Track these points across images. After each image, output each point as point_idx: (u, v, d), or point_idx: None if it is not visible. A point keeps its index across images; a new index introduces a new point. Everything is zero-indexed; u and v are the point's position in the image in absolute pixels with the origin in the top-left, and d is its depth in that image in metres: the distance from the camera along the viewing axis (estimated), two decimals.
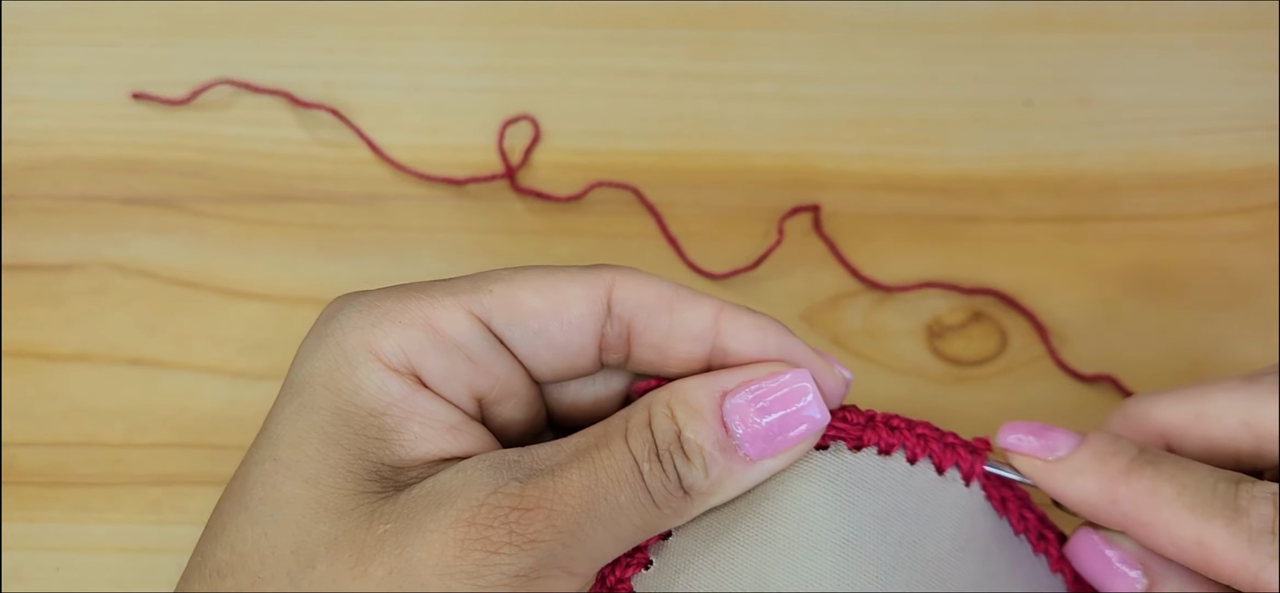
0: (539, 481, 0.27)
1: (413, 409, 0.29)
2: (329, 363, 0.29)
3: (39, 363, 0.45)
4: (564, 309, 0.30)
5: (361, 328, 0.29)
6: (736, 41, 0.51)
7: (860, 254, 0.47)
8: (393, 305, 0.29)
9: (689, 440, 0.28)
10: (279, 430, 0.29)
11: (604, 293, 0.30)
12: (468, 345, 0.30)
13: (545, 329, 0.30)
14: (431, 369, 0.29)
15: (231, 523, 0.28)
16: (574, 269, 0.31)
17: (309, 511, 0.28)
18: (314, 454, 0.28)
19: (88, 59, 0.51)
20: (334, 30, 0.51)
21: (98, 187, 0.48)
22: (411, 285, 0.30)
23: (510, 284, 0.30)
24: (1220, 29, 0.52)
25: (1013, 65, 0.51)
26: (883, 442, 0.32)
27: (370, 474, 0.28)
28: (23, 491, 0.43)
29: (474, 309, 0.30)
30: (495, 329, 0.30)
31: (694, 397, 0.29)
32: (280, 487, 0.28)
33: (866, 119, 0.50)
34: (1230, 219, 0.48)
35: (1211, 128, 0.50)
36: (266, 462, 0.29)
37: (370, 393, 0.29)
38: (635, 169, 0.49)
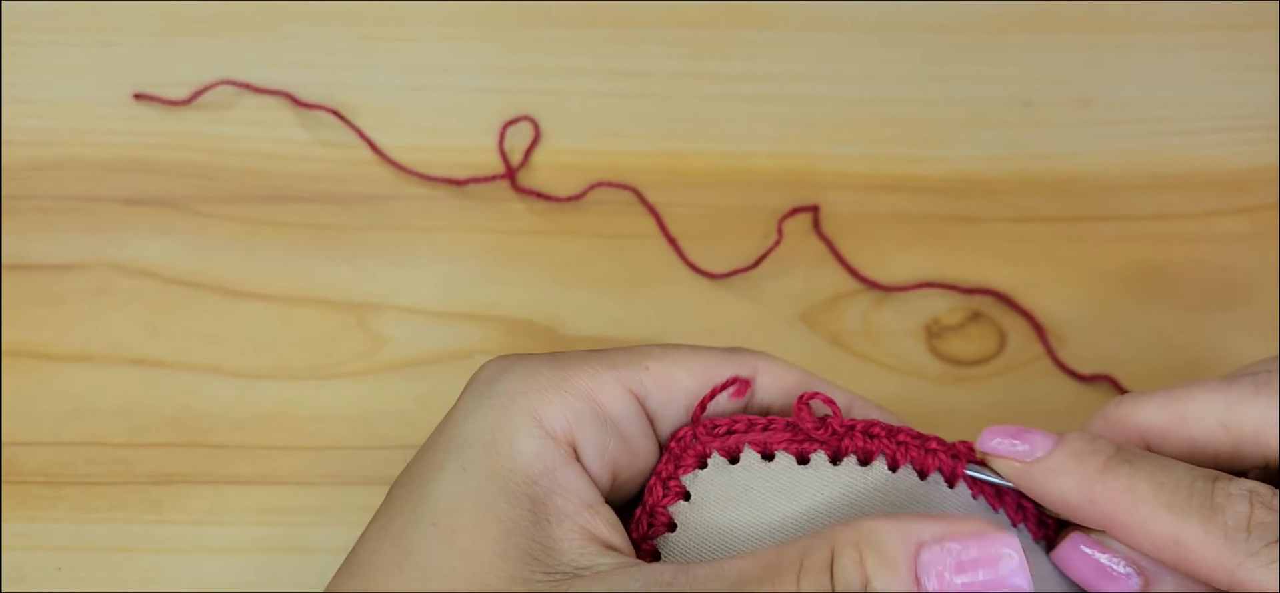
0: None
1: (558, 481, 0.29)
2: (491, 423, 0.29)
3: (40, 363, 0.45)
4: (711, 388, 0.32)
5: (527, 394, 0.30)
6: (736, 42, 0.51)
7: (859, 254, 0.47)
8: (556, 375, 0.30)
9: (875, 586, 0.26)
10: (437, 490, 0.29)
11: (750, 375, 0.32)
12: (622, 423, 0.31)
13: (693, 406, 0.32)
14: (588, 443, 0.30)
15: (381, 579, 0.28)
16: (722, 352, 0.32)
17: (460, 584, 0.28)
18: (471, 524, 0.28)
19: (89, 59, 0.51)
20: (335, 31, 0.51)
21: (99, 187, 0.48)
22: (571, 355, 0.31)
23: (666, 362, 0.31)
24: (1219, 29, 0.52)
25: (1012, 66, 0.51)
26: (861, 450, 0.32)
27: (522, 553, 0.28)
28: (24, 490, 0.43)
29: (632, 387, 0.31)
30: (649, 408, 0.31)
31: (888, 543, 0.26)
32: (436, 555, 0.28)
33: (866, 119, 0.50)
34: (1229, 219, 0.48)
35: (1210, 128, 0.50)
36: (423, 525, 0.28)
37: (527, 458, 0.29)
38: (635, 169, 0.49)
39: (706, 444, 0.32)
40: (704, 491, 0.32)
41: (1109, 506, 0.29)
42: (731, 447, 0.32)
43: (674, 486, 0.32)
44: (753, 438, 0.32)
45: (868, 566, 0.26)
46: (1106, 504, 0.29)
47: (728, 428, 0.32)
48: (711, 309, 0.46)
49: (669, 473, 0.32)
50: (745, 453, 0.32)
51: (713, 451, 0.32)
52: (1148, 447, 0.32)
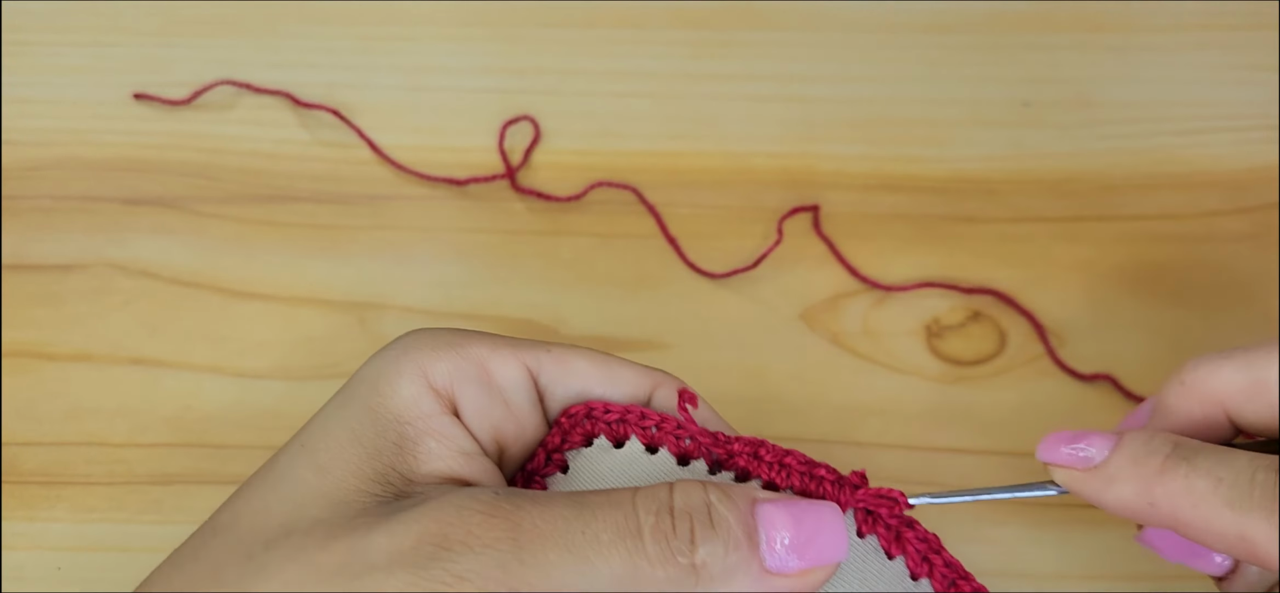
0: (516, 499, 0.28)
1: (434, 427, 0.30)
2: (378, 369, 0.31)
3: (41, 363, 0.45)
4: (611, 383, 0.32)
5: (422, 349, 0.31)
6: (736, 42, 0.51)
7: (859, 254, 0.47)
8: (458, 339, 0.31)
9: (718, 512, 0.28)
10: (316, 422, 0.31)
11: (649, 388, 0.32)
12: (510, 392, 0.32)
13: (588, 390, 0.32)
14: (469, 401, 0.31)
15: (245, 490, 0.30)
16: (629, 363, 0.33)
17: (309, 494, 0.29)
18: (333, 445, 0.30)
19: (89, 59, 0.51)
20: (335, 31, 0.51)
21: (99, 187, 0.48)
22: (476, 331, 0.32)
23: (570, 352, 0.32)
24: (1218, 30, 0.52)
25: (1011, 66, 0.51)
26: (742, 468, 0.32)
27: (378, 477, 0.29)
28: (24, 490, 0.43)
29: (527, 362, 0.32)
30: (541, 383, 0.32)
31: (729, 486, 0.29)
32: (295, 468, 0.30)
33: (866, 119, 0.50)
34: (1228, 219, 0.48)
35: (1210, 128, 0.50)
36: (294, 446, 0.30)
37: (402, 400, 0.30)
38: (635, 169, 0.49)
39: (595, 425, 0.32)
40: (582, 467, 0.32)
41: (1170, 508, 0.29)
42: (618, 433, 0.32)
43: (556, 457, 0.33)
44: (640, 430, 0.32)
45: (711, 494, 0.28)
46: (1167, 507, 0.29)
47: (620, 415, 0.32)
48: (711, 309, 0.46)
49: (554, 445, 0.33)
50: (630, 442, 0.32)
51: (600, 433, 0.32)
52: (1227, 414, 0.31)
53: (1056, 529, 0.43)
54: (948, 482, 0.44)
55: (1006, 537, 0.43)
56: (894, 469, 0.44)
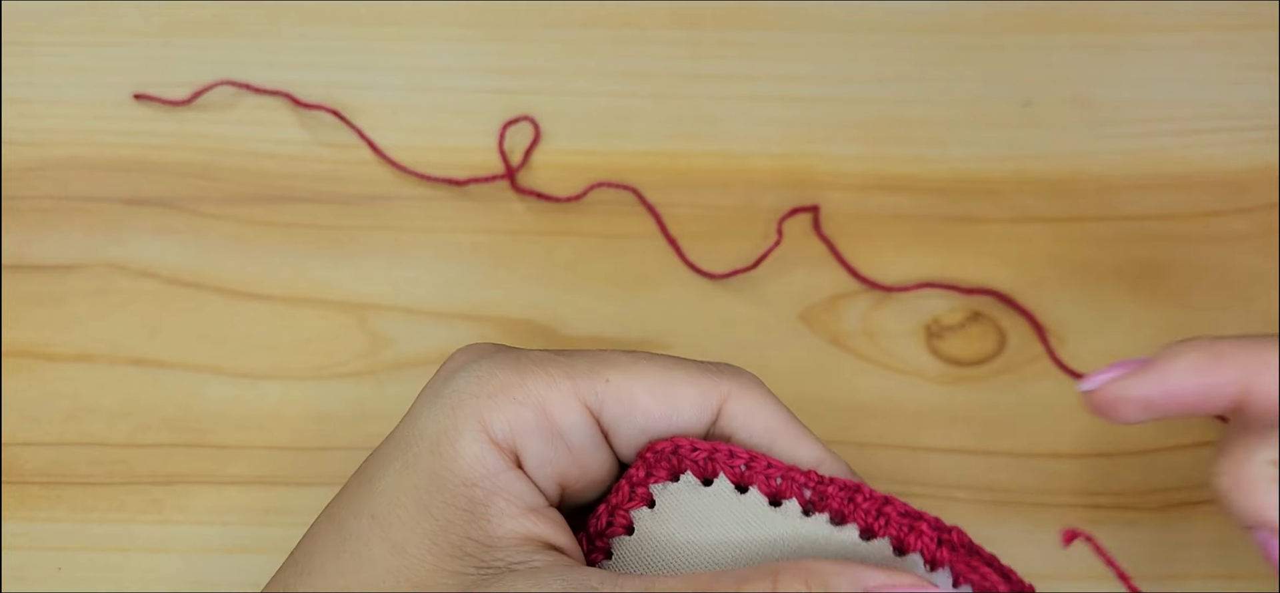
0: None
1: (501, 484, 0.29)
2: (438, 426, 0.30)
3: (41, 363, 0.45)
4: (675, 414, 0.31)
5: (477, 398, 0.30)
6: (736, 42, 0.51)
7: (859, 255, 0.47)
8: (511, 379, 0.30)
9: None
10: (381, 486, 0.30)
11: (717, 404, 0.31)
12: (572, 437, 0.30)
13: (652, 427, 0.31)
14: (532, 453, 0.30)
15: (319, 565, 0.29)
16: (694, 369, 0.31)
17: (389, 576, 0.28)
18: (406, 519, 0.29)
19: (89, 60, 0.51)
20: (335, 32, 0.51)
21: (99, 187, 0.48)
22: (532, 358, 0.31)
23: (628, 376, 0.30)
24: (1218, 30, 0.52)
25: (1011, 66, 0.51)
26: (837, 510, 0.31)
27: (454, 550, 0.28)
28: (24, 490, 0.43)
29: (588, 399, 0.30)
30: (603, 421, 0.31)
31: (835, 581, 0.27)
32: (371, 544, 0.29)
33: (865, 120, 0.50)
34: (1228, 220, 0.48)
35: (1209, 128, 0.50)
36: (364, 516, 0.29)
37: (468, 462, 0.29)
38: (635, 170, 0.49)
39: (682, 461, 0.31)
40: (669, 504, 0.31)
41: (1241, 359, 0.29)
42: (707, 471, 0.31)
43: (641, 491, 0.32)
44: (730, 468, 0.31)
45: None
46: (1237, 358, 0.29)
47: (708, 454, 0.31)
48: (711, 309, 0.46)
49: (639, 478, 0.32)
50: (719, 480, 0.31)
51: (687, 469, 0.31)
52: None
53: (1056, 529, 0.43)
54: (948, 481, 0.44)
55: (1006, 537, 0.43)
56: (893, 469, 0.44)
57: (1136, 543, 0.43)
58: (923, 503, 0.43)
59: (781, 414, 0.31)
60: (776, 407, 0.31)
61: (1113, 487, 0.44)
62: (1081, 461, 0.44)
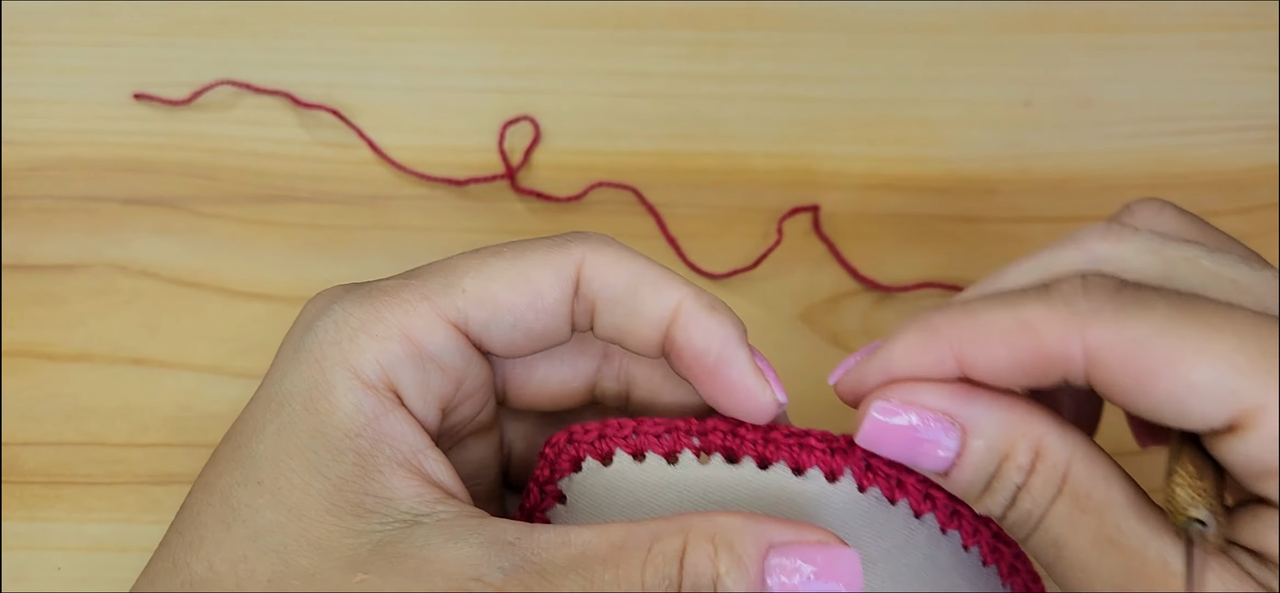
0: (527, 577, 0.26)
1: (383, 432, 0.28)
2: (307, 381, 0.29)
3: (41, 363, 0.45)
4: (537, 299, 0.30)
5: (339, 343, 0.29)
6: (736, 43, 0.51)
7: (859, 254, 0.47)
8: (369, 315, 0.29)
9: (724, 586, 0.26)
10: (261, 451, 0.29)
11: (574, 273, 0.30)
12: (443, 358, 0.30)
13: (520, 321, 0.30)
14: (408, 384, 0.29)
15: (211, 538, 0.28)
16: (542, 248, 0.30)
17: (290, 541, 0.27)
18: (297, 482, 0.28)
19: (89, 60, 0.51)
20: (335, 31, 0.51)
21: (99, 187, 0.48)
22: (384, 288, 0.30)
23: (482, 277, 0.30)
24: (1218, 29, 0.52)
25: (1011, 66, 0.51)
26: (726, 448, 0.31)
27: (354, 507, 0.27)
28: (25, 490, 0.43)
29: (450, 315, 0.29)
30: (471, 332, 0.30)
31: (741, 542, 0.26)
32: (263, 512, 0.28)
33: (866, 120, 0.50)
34: (1228, 219, 0.48)
35: (1210, 128, 0.50)
36: (249, 484, 0.28)
37: (346, 414, 0.28)
38: (635, 169, 0.49)
39: (578, 448, 0.32)
40: (579, 493, 0.32)
41: (952, 332, 0.28)
42: (603, 450, 0.32)
43: (550, 490, 0.32)
44: (623, 441, 0.32)
45: (720, 564, 0.26)
46: (950, 331, 0.28)
47: (599, 433, 0.32)
48: None
49: (545, 478, 0.32)
50: (617, 456, 0.32)
51: (586, 455, 0.32)
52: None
53: None
54: None
55: None
56: None
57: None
58: None
59: (638, 263, 0.30)
60: (632, 258, 0.30)
61: None
62: None
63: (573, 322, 0.31)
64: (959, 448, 0.28)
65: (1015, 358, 0.27)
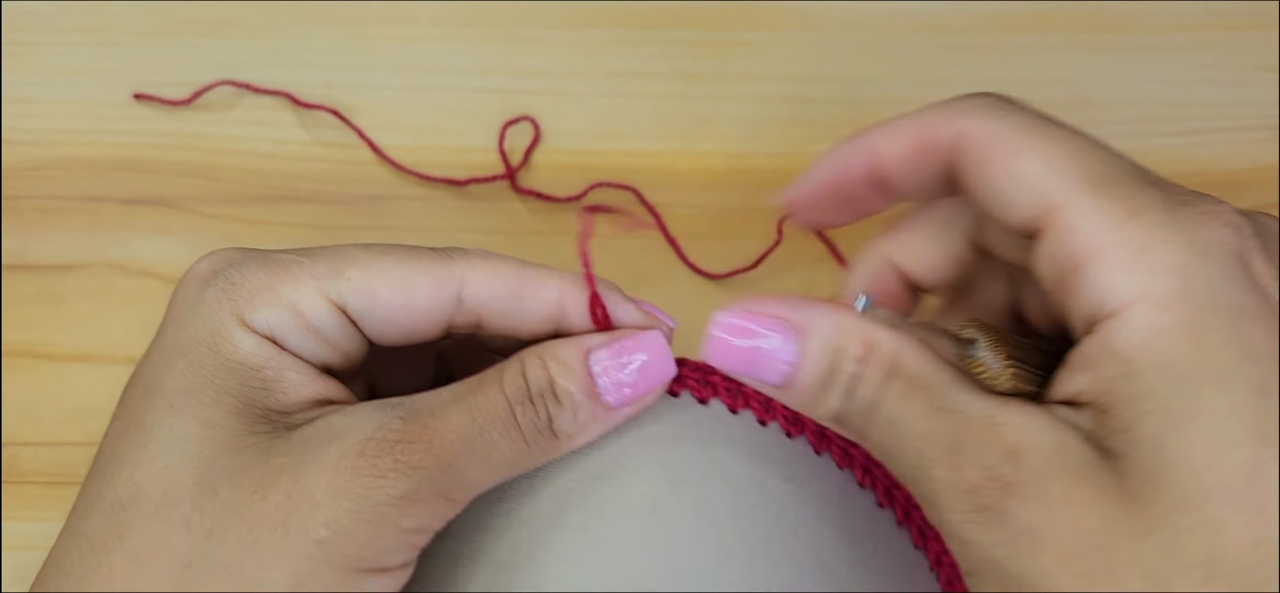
0: (421, 418, 0.30)
1: (284, 364, 0.32)
2: (209, 328, 0.31)
3: (41, 363, 0.45)
4: (412, 302, 0.33)
5: (236, 301, 0.32)
6: (736, 43, 0.51)
7: (858, 254, 0.47)
8: (264, 282, 0.32)
9: (561, 387, 0.32)
10: (170, 383, 0.31)
11: (455, 288, 0.33)
12: (325, 330, 0.32)
13: (393, 318, 0.33)
14: (294, 347, 0.32)
15: (129, 459, 0.30)
16: (428, 258, 0.33)
17: (208, 448, 0.30)
18: (207, 401, 0.30)
19: (89, 60, 0.51)
20: (335, 31, 0.51)
21: (100, 187, 0.48)
22: (279, 261, 0.33)
23: (367, 272, 0.32)
24: (1218, 30, 0.52)
25: (1011, 66, 0.51)
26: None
27: (260, 417, 0.30)
28: (25, 490, 0.43)
29: (332, 296, 0.32)
30: (350, 313, 0.33)
31: (564, 352, 0.32)
32: (176, 428, 0.30)
33: (865, 120, 0.50)
34: None
35: (1210, 129, 0.50)
36: (161, 409, 0.30)
37: (248, 352, 0.31)
38: (635, 170, 0.49)
39: None
40: None
41: (874, 130, 0.34)
42: None
43: None
44: None
45: (551, 369, 0.32)
46: (872, 131, 0.34)
47: None
48: (711, 309, 0.46)
49: None
50: None
51: None
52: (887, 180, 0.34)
53: None
54: None
55: None
56: None
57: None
58: None
59: (515, 269, 0.33)
60: (510, 266, 0.33)
61: None
62: None
63: (448, 327, 0.34)
64: (797, 356, 0.31)
65: (911, 143, 0.32)
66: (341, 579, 0.29)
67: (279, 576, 0.28)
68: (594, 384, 0.32)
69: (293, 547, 0.29)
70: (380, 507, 0.29)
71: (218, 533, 0.29)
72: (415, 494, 0.29)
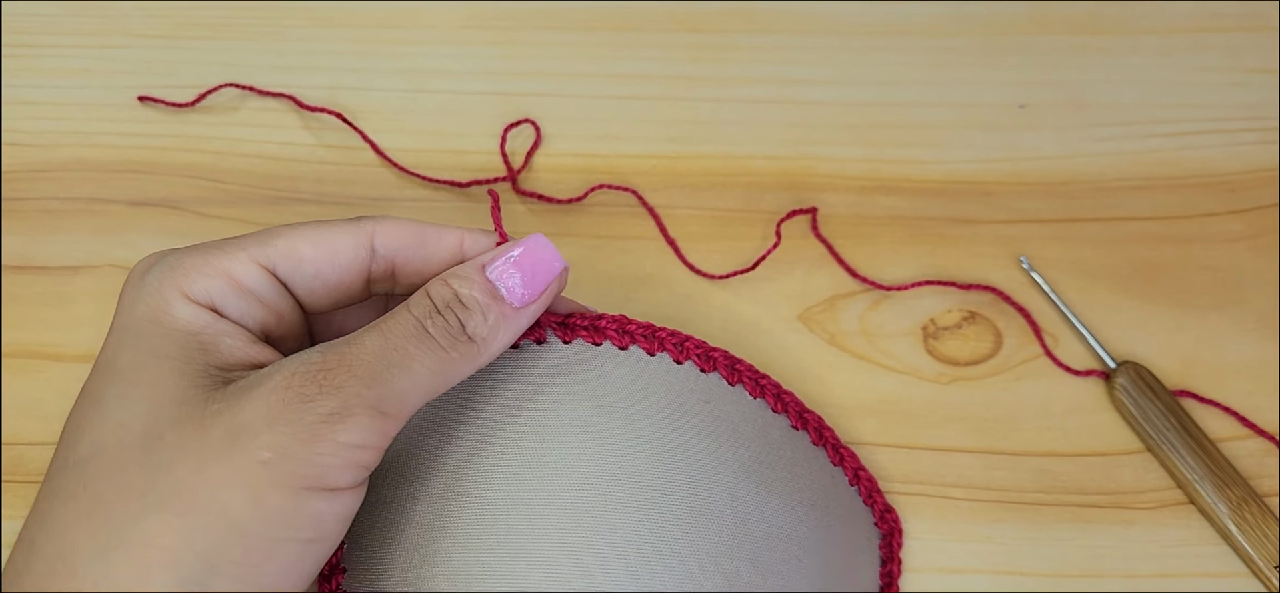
0: (337, 348, 0.33)
1: (222, 330, 0.35)
2: (151, 305, 0.34)
3: (46, 363, 0.45)
4: (334, 256, 0.36)
5: (174, 278, 0.35)
6: (735, 46, 0.52)
7: (857, 255, 0.47)
8: (197, 261, 0.35)
9: (465, 295, 0.35)
10: (120, 359, 0.34)
11: (367, 240, 0.37)
12: (259, 291, 0.36)
13: (320, 272, 0.36)
14: (232, 311, 0.35)
15: (87, 425, 0.33)
16: (341, 222, 0.37)
17: (154, 403, 0.33)
18: (151, 366, 0.33)
19: (93, 62, 0.51)
20: (338, 35, 0.51)
21: (105, 189, 0.48)
22: (210, 243, 0.36)
23: (291, 238, 0.36)
24: (1213, 32, 0.52)
25: (1007, 68, 0.51)
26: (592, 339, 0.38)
27: (199, 373, 0.33)
28: (29, 490, 0.43)
29: (261, 261, 0.36)
30: (280, 276, 0.36)
31: (462, 269, 0.36)
32: (126, 394, 0.33)
33: (863, 122, 0.50)
34: (1223, 221, 0.48)
35: (1204, 130, 0.50)
36: (114, 383, 0.33)
37: (186, 319, 0.34)
38: (635, 172, 0.49)
39: None
40: None
41: None
42: None
43: None
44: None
45: (453, 284, 0.35)
46: None
47: None
48: (710, 310, 0.47)
49: None
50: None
51: None
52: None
53: (1052, 528, 0.43)
54: (945, 480, 0.44)
55: (1004, 535, 0.43)
56: (892, 468, 0.44)
57: (1132, 542, 0.43)
58: (921, 502, 0.44)
59: (418, 226, 0.37)
60: (413, 223, 0.37)
61: (1108, 486, 0.44)
62: (1077, 460, 0.44)
63: (368, 280, 0.37)
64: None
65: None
66: (291, 499, 0.31)
67: (235, 495, 0.31)
68: (495, 288, 0.35)
69: (239, 468, 0.31)
70: (313, 426, 0.31)
71: (167, 467, 0.31)
72: (344, 410, 0.32)
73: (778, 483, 0.37)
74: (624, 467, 0.35)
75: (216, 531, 0.31)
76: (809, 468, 0.39)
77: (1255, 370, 0.46)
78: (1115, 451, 0.45)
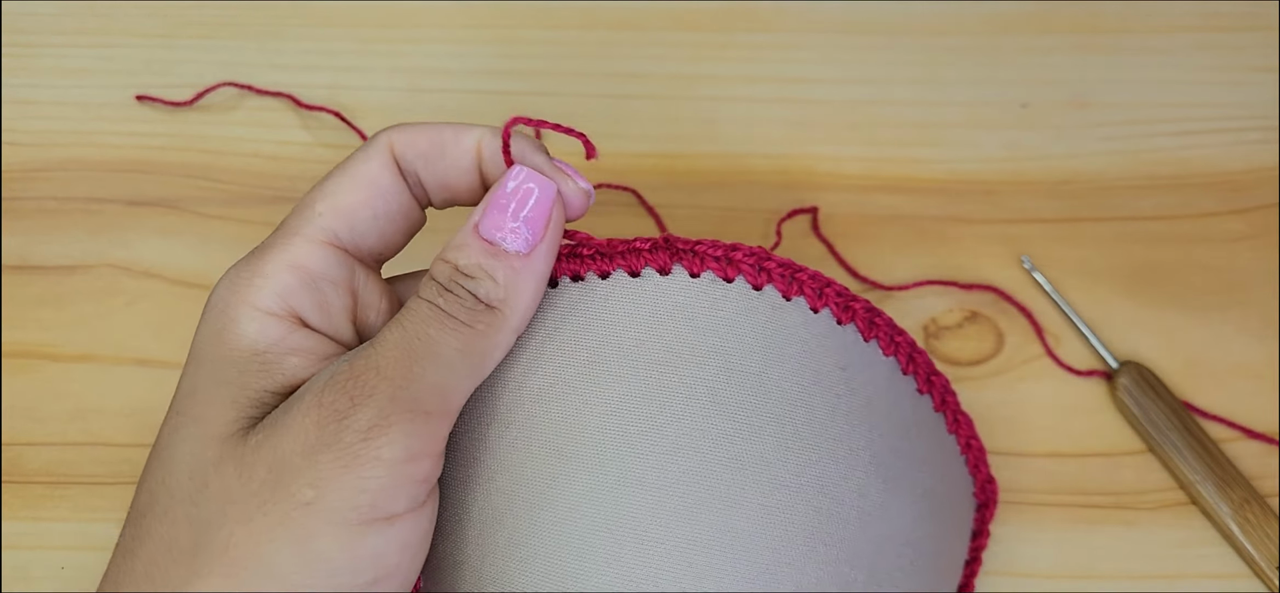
0: (361, 354, 0.31)
1: (292, 345, 0.32)
2: (216, 326, 0.32)
3: (45, 364, 0.45)
4: (375, 185, 0.34)
5: (237, 289, 0.32)
6: (735, 45, 0.52)
7: (858, 255, 0.47)
8: (256, 265, 0.33)
9: (464, 263, 0.32)
10: (180, 392, 0.32)
11: (389, 154, 0.34)
12: (330, 272, 0.33)
13: (375, 209, 0.34)
14: (309, 307, 0.33)
15: (149, 471, 0.32)
16: (359, 153, 0.34)
17: (198, 444, 0.31)
18: (202, 398, 0.32)
19: (92, 61, 0.51)
20: (337, 33, 0.51)
21: (103, 189, 0.48)
22: (260, 245, 0.34)
23: (331, 198, 0.34)
24: (1215, 31, 0.52)
25: (1009, 68, 0.51)
26: (660, 263, 0.34)
27: (252, 403, 0.31)
28: (28, 490, 0.43)
29: (320, 237, 0.33)
30: (342, 241, 0.34)
31: (457, 238, 0.33)
32: (179, 433, 0.31)
33: (864, 121, 0.50)
34: (1225, 220, 0.48)
35: (1206, 129, 0.50)
36: (172, 420, 0.32)
37: (251, 337, 0.32)
38: (635, 171, 0.49)
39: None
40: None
41: None
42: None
43: None
44: (563, 268, 0.34)
45: (449, 257, 0.32)
46: None
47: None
48: None
49: None
50: (563, 283, 0.34)
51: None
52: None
53: (1054, 529, 0.43)
54: None
55: (1004, 535, 0.43)
56: None
57: (1133, 542, 0.43)
58: None
59: (433, 129, 0.35)
60: (427, 127, 0.35)
61: (1110, 486, 0.44)
62: (1079, 460, 0.44)
63: (415, 197, 0.35)
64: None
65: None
66: (341, 541, 0.29)
67: (283, 552, 0.29)
68: (493, 244, 0.32)
69: (284, 516, 0.29)
70: (353, 447, 0.29)
71: (216, 522, 0.29)
72: (382, 419, 0.29)
73: (904, 476, 0.34)
74: (750, 452, 0.31)
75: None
76: (929, 443, 0.35)
77: (1258, 370, 0.46)
78: (1117, 451, 0.45)
